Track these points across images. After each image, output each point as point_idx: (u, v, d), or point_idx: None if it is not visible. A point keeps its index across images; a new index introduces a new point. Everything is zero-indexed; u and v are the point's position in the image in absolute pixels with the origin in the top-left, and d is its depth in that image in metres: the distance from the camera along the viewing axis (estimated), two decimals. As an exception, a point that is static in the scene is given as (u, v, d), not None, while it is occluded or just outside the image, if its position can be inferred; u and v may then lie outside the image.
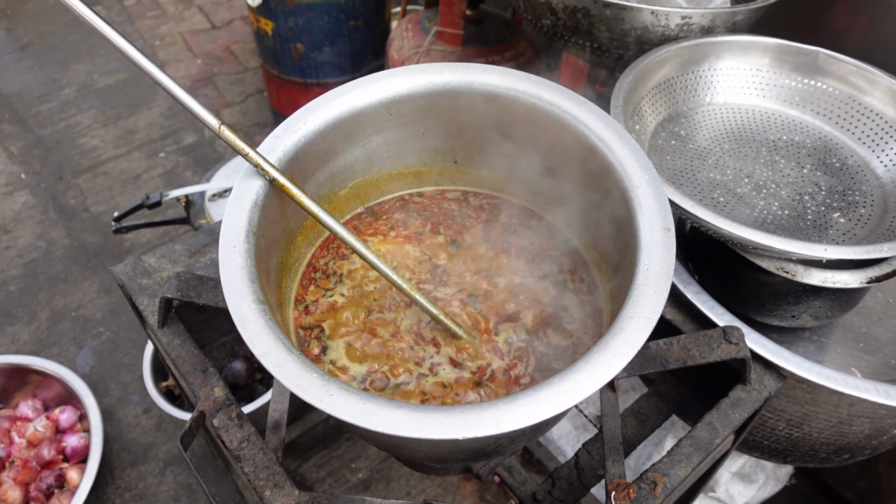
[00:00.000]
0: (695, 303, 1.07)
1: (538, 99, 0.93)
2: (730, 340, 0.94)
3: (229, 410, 0.95)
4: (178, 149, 3.41)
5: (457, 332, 0.88)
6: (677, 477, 0.89)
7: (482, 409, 0.65)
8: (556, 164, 0.97)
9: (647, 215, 0.80)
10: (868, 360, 1.17)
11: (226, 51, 4.08)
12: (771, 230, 1.11)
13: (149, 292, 1.11)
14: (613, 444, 0.95)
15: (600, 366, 0.67)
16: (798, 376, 1.00)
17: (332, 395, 0.66)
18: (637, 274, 0.75)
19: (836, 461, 1.23)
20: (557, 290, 0.96)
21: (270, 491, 0.85)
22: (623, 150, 0.87)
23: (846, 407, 1.04)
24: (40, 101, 3.66)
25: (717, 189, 1.19)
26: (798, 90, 1.33)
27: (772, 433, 1.17)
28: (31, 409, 2.08)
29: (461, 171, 1.09)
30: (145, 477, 2.15)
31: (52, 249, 2.90)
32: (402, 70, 0.97)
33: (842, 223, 1.13)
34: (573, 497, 1.02)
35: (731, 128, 1.32)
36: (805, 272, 1.02)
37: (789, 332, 1.21)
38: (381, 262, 0.84)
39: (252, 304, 0.73)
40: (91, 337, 2.56)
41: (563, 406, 0.64)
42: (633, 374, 0.95)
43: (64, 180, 3.23)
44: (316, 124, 0.91)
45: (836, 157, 1.25)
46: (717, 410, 0.97)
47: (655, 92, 1.30)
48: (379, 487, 2.11)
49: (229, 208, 0.82)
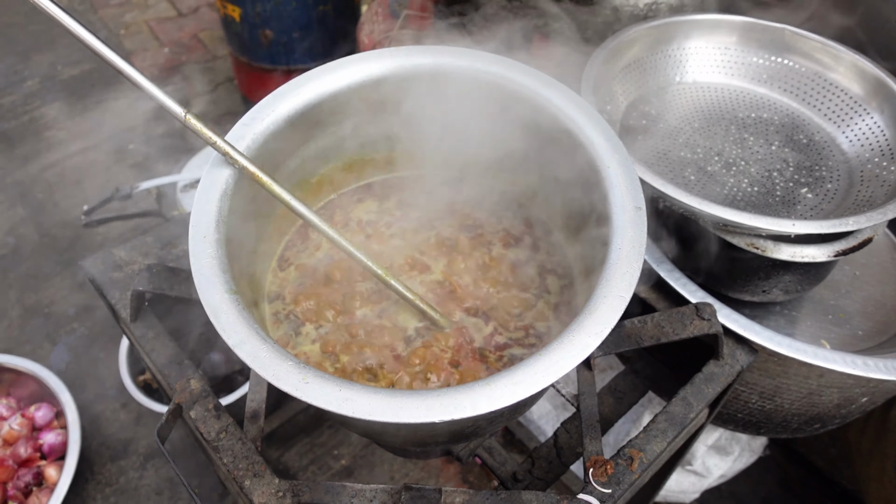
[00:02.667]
0: (667, 280, 1.08)
1: (509, 80, 0.93)
2: (702, 317, 0.95)
3: (206, 402, 0.94)
4: (148, 139, 3.34)
5: (434, 317, 0.88)
6: (653, 452, 0.91)
7: (458, 392, 0.65)
8: (528, 145, 0.97)
9: (618, 195, 0.81)
10: (837, 332, 1.20)
11: (193, 39, 3.99)
12: (741, 207, 1.13)
13: (120, 286, 1.10)
14: (591, 422, 0.96)
15: (574, 345, 0.68)
16: (769, 350, 1.02)
17: (309, 382, 0.66)
18: (609, 253, 0.76)
19: (807, 431, 1.26)
20: (530, 272, 0.96)
21: (250, 480, 0.85)
22: (593, 130, 0.87)
23: (816, 378, 1.06)
24: (2, 94, 3.55)
25: (689, 167, 1.20)
26: (765, 67, 1.35)
27: (745, 406, 1.19)
28: (5, 408, 2.04)
29: (433, 154, 1.08)
30: (126, 472, 2.13)
31: (21, 245, 2.84)
32: (372, 54, 0.96)
33: (809, 198, 1.15)
34: (553, 475, 1.03)
35: (701, 106, 1.33)
36: (775, 247, 1.04)
37: (761, 306, 1.24)
38: (354, 248, 0.83)
39: (224, 295, 0.72)
40: (65, 333, 2.52)
41: (539, 386, 0.65)
42: (609, 352, 0.96)
43: (31, 175, 3.15)
44: (284, 111, 0.90)
45: (803, 133, 1.27)
46: (690, 385, 0.99)
47: (626, 72, 1.31)
48: (362, 473, 2.12)
49: (198, 198, 0.80)
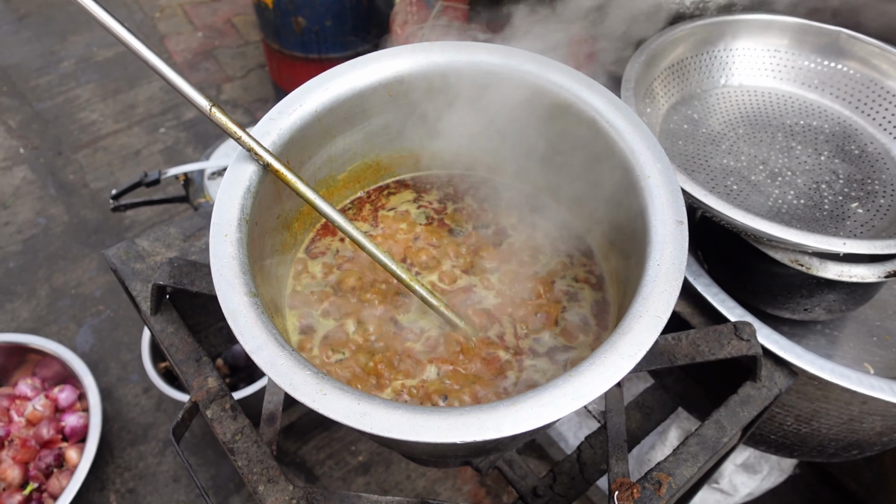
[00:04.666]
0: (705, 296, 1.03)
1: (545, 80, 0.89)
2: (741, 337, 0.90)
3: (223, 401, 0.92)
4: (179, 124, 3.36)
5: (458, 323, 0.85)
6: (683, 477, 0.86)
7: (482, 412, 0.62)
8: (564, 150, 0.93)
9: (658, 207, 0.76)
10: (881, 355, 1.14)
11: (227, 23, 4.00)
12: (786, 220, 1.07)
13: (142, 277, 1.08)
14: (617, 441, 0.92)
15: (606, 367, 0.64)
16: (810, 373, 0.97)
17: (326, 394, 0.63)
18: (647, 269, 0.72)
19: (844, 456, 1.20)
20: (562, 283, 0.92)
21: (264, 486, 0.83)
22: (634, 136, 0.82)
23: (858, 405, 1.00)
24: (39, 74, 3.60)
25: (731, 176, 1.14)
26: (817, 72, 1.28)
27: (779, 428, 1.14)
28: (29, 388, 2.07)
29: (464, 154, 1.05)
30: (145, 457, 2.15)
31: (51, 226, 2.88)
32: (403, 49, 0.92)
33: (860, 214, 1.08)
34: (575, 492, 0.99)
35: (747, 111, 1.27)
36: (820, 265, 0.98)
37: (800, 324, 1.18)
38: (379, 251, 0.80)
39: (244, 297, 0.70)
40: (91, 315, 2.55)
41: (566, 410, 0.61)
42: (639, 370, 0.91)
43: (63, 155, 3.19)
44: (312, 106, 0.87)
45: (855, 143, 1.20)
46: (725, 408, 0.94)
47: (669, 73, 1.25)
48: (379, 471, 2.10)
49: (220, 195, 0.78)
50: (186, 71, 3.65)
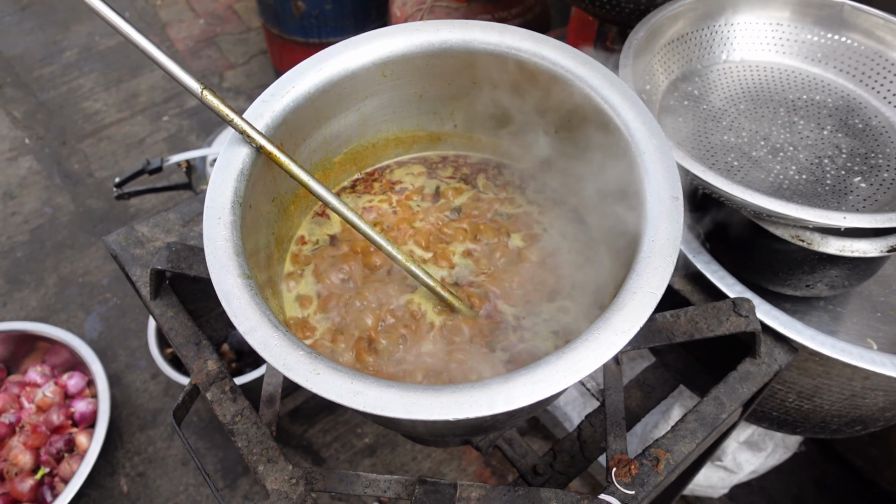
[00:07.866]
0: (704, 272, 1.03)
1: (540, 58, 0.88)
2: (739, 313, 0.90)
3: (223, 384, 0.93)
4: (182, 112, 3.36)
5: (455, 304, 0.85)
6: (681, 453, 0.86)
7: (475, 389, 0.62)
8: (560, 127, 0.92)
9: (654, 183, 0.76)
10: (885, 331, 1.13)
11: (228, 10, 3.98)
12: (787, 196, 1.06)
13: (141, 262, 1.09)
14: (616, 418, 0.92)
15: (600, 343, 0.64)
16: (810, 349, 0.96)
17: (320, 373, 0.64)
18: (642, 245, 0.71)
19: (847, 432, 1.20)
20: (559, 259, 0.92)
21: (264, 466, 0.83)
22: (630, 112, 0.81)
23: (860, 380, 1.00)
24: (42, 64, 3.60)
25: (732, 152, 1.13)
26: (820, 46, 1.26)
27: (781, 405, 1.13)
28: (39, 375, 2.10)
29: (461, 135, 1.04)
30: (154, 441, 2.18)
31: (57, 215, 2.89)
32: (397, 28, 0.91)
33: (863, 188, 1.07)
34: (574, 470, 1.00)
35: (748, 87, 1.25)
36: (822, 240, 0.97)
37: (803, 301, 1.17)
38: (375, 232, 0.80)
39: (237, 279, 0.70)
40: (98, 303, 2.57)
41: (560, 386, 0.61)
42: (638, 347, 0.91)
43: (68, 145, 3.20)
44: (305, 88, 0.86)
45: (859, 117, 1.19)
46: (724, 384, 0.93)
47: (668, 49, 1.24)
48: (384, 452, 2.12)
49: (214, 178, 0.78)
50: (188, 59, 3.64)
